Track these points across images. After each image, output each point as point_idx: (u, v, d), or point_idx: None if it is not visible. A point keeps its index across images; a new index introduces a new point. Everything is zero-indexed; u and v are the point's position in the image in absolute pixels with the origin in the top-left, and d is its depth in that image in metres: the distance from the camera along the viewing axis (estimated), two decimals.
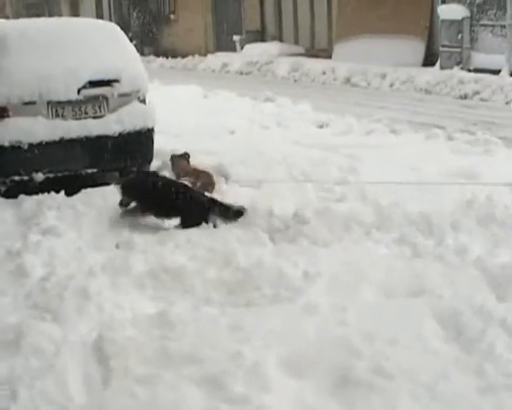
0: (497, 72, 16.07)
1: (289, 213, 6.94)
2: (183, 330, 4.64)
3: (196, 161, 8.52)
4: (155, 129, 8.97)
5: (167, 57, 29.48)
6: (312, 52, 23.00)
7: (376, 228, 6.58)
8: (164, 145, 9.01)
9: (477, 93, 15.48)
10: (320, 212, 6.98)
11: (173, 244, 6.38)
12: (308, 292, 5.23)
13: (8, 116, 8.18)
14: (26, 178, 8.26)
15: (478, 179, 8.14)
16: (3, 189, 8.23)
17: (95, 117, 8.52)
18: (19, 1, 48.96)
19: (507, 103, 14.63)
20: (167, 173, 8.34)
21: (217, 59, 25.61)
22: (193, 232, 6.57)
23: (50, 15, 40.32)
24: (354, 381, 4.03)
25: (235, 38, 26.13)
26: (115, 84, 8.61)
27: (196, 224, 6.74)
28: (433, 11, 18.70)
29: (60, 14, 40.37)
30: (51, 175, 8.34)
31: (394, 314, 4.76)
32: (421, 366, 4.13)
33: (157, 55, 30.38)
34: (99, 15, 35.65)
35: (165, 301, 5.24)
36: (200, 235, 6.56)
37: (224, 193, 7.95)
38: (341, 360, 4.20)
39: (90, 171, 8.58)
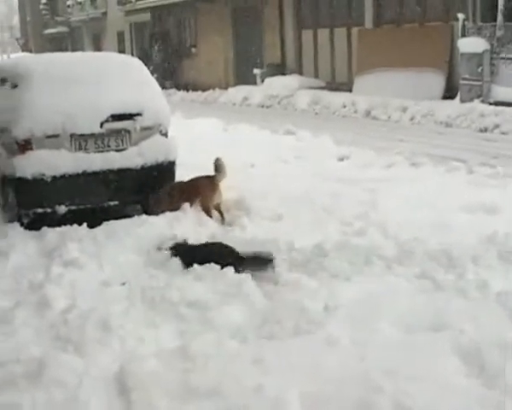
0: None
1: (310, 246, 6.96)
2: (204, 363, 4.65)
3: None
4: (176, 162, 9.06)
5: (188, 90, 29.75)
6: (333, 85, 23.11)
7: (397, 262, 6.57)
8: (184, 178, 9.04)
9: (497, 126, 15.43)
10: (340, 245, 7.00)
11: (193, 278, 6.40)
12: (329, 326, 5.23)
13: (31, 149, 8.30)
14: (48, 210, 8.37)
15: (498, 213, 8.12)
16: (26, 221, 8.32)
17: (117, 150, 8.63)
18: (42, 35, 49.69)
19: None
20: None
21: (237, 92, 25.78)
22: (213, 265, 6.57)
23: (73, 49, 40.97)
24: None
25: (256, 71, 26.31)
26: (137, 118, 8.72)
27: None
28: (453, 44, 18.74)
29: (82, 49, 41.00)
30: (74, 207, 8.44)
31: (415, 349, 4.74)
32: (442, 402, 4.11)
33: (178, 88, 30.68)
34: (121, 49, 36.13)
35: (186, 335, 5.25)
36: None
37: (245, 227, 8.00)
38: (362, 395, 4.19)
39: (112, 203, 8.66)
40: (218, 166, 8.51)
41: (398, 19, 21.11)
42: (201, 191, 8.44)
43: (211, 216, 8.35)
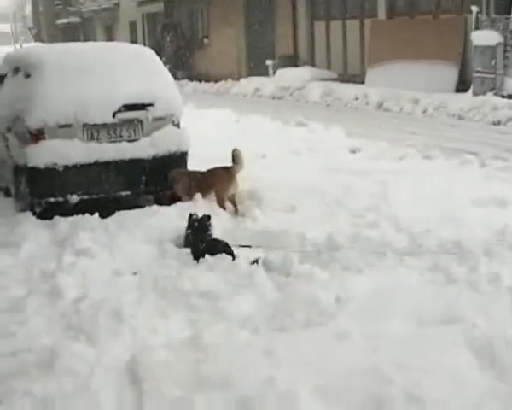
0: None
1: (322, 238, 6.96)
2: (215, 354, 4.66)
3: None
4: (188, 152, 9.05)
5: (200, 81, 29.72)
6: (345, 77, 23.04)
7: (409, 255, 6.56)
8: (197, 169, 9.04)
9: (510, 119, 15.34)
10: (352, 237, 6.99)
11: (205, 268, 6.41)
12: (340, 318, 5.22)
13: (44, 138, 8.32)
14: (60, 199, 8.38)
15: (511, 207, 8.09)
16: (39, 210, 8.34)
17: (129, 140, 8.64)
18: (54, 25, 49.72)
19: None
20: None
21: (249, 83, 25.74)
22: (225, 256, 6.57)
23: (85, 40, 40.97)
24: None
25: (268, 62, 26.26)
26: (150, 108, 8.72)
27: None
28: (466, 37, 18.65)
29: (94, 39, 41.00)
30: (86, 197, 8.45)
31: (427, 343, 4.73)
32: (454, 396, 4.09)
33: (190, 78, 30.65)
34: (133, 40, 36.11)
35: (197, 325, 5.26)
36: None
37: (257, 218, 7.99)
38: (374, 388, 4.17)
39: (123, 193, 8.67)
40: (236, 157, 8.49)
41: (412, 11, 21.02)
42: (218, 182, 8.43)
43: (224, 208, 8.34)
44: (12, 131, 8.79)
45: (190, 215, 7.10)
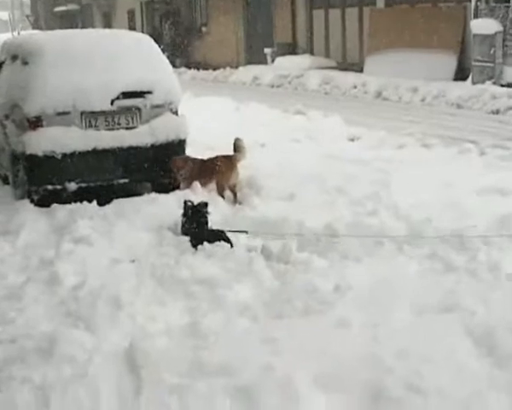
0: None
1: (320, 226, 6.95)
2: (214, 341, 4.66)
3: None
4: (187, 140, 9.04)
5: (199, 69, 29.64)
6: (343, 65, 22.99)
7: (408, 243, 6.55)
8: (195, 156, 9.03)
9: (510, 108, 15.30)
10: (351, 226, 6.98)
11: (203, 256, 6.39)
12: (339, 306, 5.21)
13: (42, 126, 8.30)
14: (58, 187, 8.36)
15: (510, 195, 8.08)
16: (37, 198, 8.32)
17: (127, 128, 8.61)
18: (53, 13, 49.54)
19: None
20: None
21: (248, 71, 25.68)
22: (224, 243, 6.56)
23: (83, 27, 40.77)
24: (386, 398, 4.00)
25: (267, 50, 26.20)
26: (148, 96, 8.70)
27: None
28: (465, 26, 18.60)
29: (93, 26, 40.83)
30: (84, 185, 8.43)
31: (426, 331, 4.72)
32: (454, 384, 4.09)
33: (188, 66, 30.56)
34: (131, 27, 35.96)
35: (196, 312, 5.26)
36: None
37: (256, 206, 7.99)
38: (373, 376, 4.17)
39: (122, 181, 8.65)
40: (238, 146, 8.51)
41: None
42: (220, 170, 8.42)
43: (223, 196, 8.33)
44: (10, 119, 8.76)
45: (185, 202, 7.07)
